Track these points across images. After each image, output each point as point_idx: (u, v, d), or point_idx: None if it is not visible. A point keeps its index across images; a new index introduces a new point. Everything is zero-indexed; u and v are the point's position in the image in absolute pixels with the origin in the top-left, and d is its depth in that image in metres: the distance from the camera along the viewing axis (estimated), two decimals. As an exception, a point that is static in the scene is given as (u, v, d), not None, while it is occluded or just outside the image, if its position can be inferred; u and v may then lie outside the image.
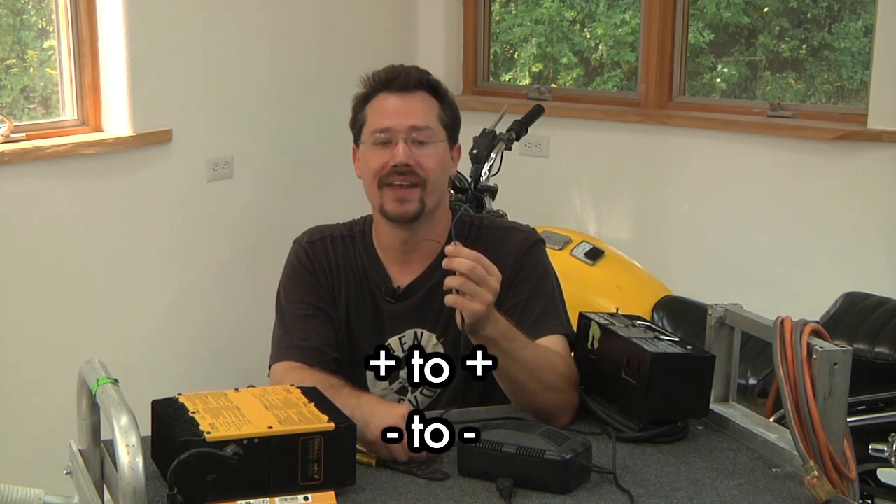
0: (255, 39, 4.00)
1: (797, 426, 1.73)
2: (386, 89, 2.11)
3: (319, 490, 1.61)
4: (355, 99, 2.17)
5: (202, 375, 3.85)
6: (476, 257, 1.81)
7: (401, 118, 2.08)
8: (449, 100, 2.16)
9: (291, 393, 1.77)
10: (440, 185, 2.13)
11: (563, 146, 4.48)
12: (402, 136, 2.07)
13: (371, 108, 2.13)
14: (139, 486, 1.42)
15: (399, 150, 2.06)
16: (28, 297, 3.34)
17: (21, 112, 3.57)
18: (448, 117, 2.14)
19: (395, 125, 2.08)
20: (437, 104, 2.13)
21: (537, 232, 2.22)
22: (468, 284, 1.80)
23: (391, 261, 2.17)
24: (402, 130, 2.07)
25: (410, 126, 2.08)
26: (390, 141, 2.08)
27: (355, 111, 2.17)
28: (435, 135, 2.10)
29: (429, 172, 2.08)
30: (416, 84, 2.11)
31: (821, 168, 4.01)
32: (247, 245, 4.03)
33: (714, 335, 2.03)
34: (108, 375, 1.60)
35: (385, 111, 2.10)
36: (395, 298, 2.14)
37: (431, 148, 2.09)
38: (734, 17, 4.82)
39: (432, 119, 2.11)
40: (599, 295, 3.16)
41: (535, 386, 1.94)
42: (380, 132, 2.09)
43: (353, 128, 2.18)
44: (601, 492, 1.70)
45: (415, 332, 2.14)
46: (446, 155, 2.14)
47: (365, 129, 2.13)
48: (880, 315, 2.78)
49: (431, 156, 2.09)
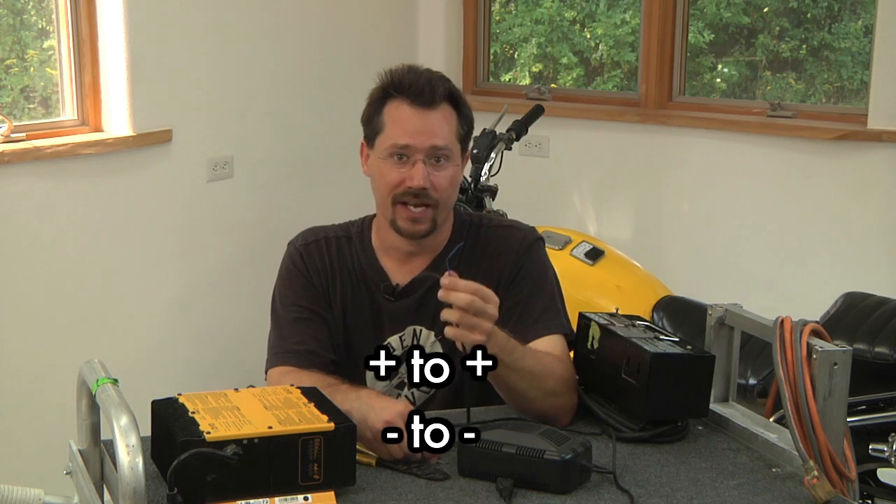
0: (255, 40, 4.00)
1: (797, 426, 1.73)
2: (408, 98, 2.06)
3: (319, 490, 1.61)
4: (372, 95, 2.12)
5: (202, 375, 3.85)
6: (473, 289, 1.79)
7: (421, 137, 2.04)
8: (466, 110, 2.13)
9: (291, 393, 1.77)
10: (451, 202, 2.13)
11: (563, 146, 4.48)
12: (421, 157, 2.04)
13: (389, 116, 2.08)
14: (139, 486, 1.42)
15: (417, 172, 2.03)
16: (28, 297, 3.34)
17: (21, 112, 3.57)
18: (464, 129, 2.13)
19: (416, 144, 2.04)
20: (456, 118, 2.10)
21: (537, 231, 2.22)
22: (466, 318, 1.79)
23: (391, 260, 2.17)
24: (422, 150, 2.04)
25: (431, 146, 2.05)
26: (408, 157, 2.05)
27: (371, 109, 2.12)
28: (452, 154, 2.08)
29: (442, 194, 2.07)
30: (440, 97, 2.07)
31: (821, 168, 4.01)
32: (247, 245, 4.03)
33: (714, 335, 2.03)
34: (108, 375, 1.60)
35: (405, 127, 2.05)
36: (394, 296, 2.14)
37: (447, 169, 2.07)
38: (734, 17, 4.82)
39: (451, 137, 2.08)
40: (599, 295, 3.16)
41: (535, 393, 1.95)
42: (399, 148, 2.05)
43: (367, 126, 2.13)
44: (601, 492, 1.70)
45: (413, 329, 2.14)
46: (459, 172, 2.13)
47: (381, 138, 2.08)
48: (880, 315, 2.78)
49: (447, 178, 2.07)
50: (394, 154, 2.06)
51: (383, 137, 2.08)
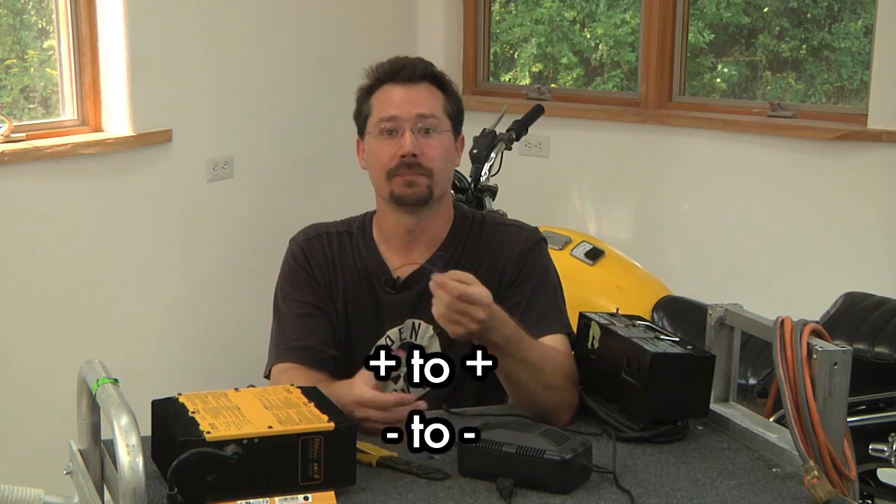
0: (255, 40, 4.00)
1: (797, 426, 1.73)
2: (391, 80, 2.13)
3: (319, 490, 1.61)
4: (359, 91, 2.18)
5: (202, 375, 3.85)
6: (459, 293, 1.82)
7: (407, 107, 2.09)
8: (453, 91, 2.18)
9: (291, 393, 1.77)
10: (446, 175, 2.15)
11: (563, 146, 4.48)
12: (409, 126, 2.08)
13: (376, 99, 2.14)
14: (139, 486, 1.42)
15: (406, 139, 2.07)
16: (28, 297, 3.34)
17: (21, 112, 3.57)
18: (453, 108, 2.16)
19: (402, 114, 2.09)
20: (441, 95, 2.15)
21: (540, 231, 2.23)
22: (449, 314, 1.83)
23: (392, 252, 2.17)
24: (408, 119, 2.09)
25: (417, 114, 2.09)
26: (396, 131, 2.09)
27: (360, 103, 2.18)
28: (440, 123, 2.12)
29: (434, 163, 2.09)
30: (420, 75, 2.13)
31: (821, 168, 4.01)
32: (247, 245, 4.03)
33: (714, 335, 2.03)
34: (108, 375, 1.60)
35: (391, 101, 2.11)
36: (395, 289, 2.15)
37: (437, 138, 2.11)
38: (734, 17, 4.82)
39: (438, 108, 2.13)
40: (599, 295, 3.16)
41: (537, 386, 1.94)
42: (386, 121, 2.10)
43: (358, 119, 2.18)
44: (601, 492, 1.70)
45: (412, 322, 2.14)
46: (451, 145, 2.16)
47: (370, 119, 2.14)
48: (880, 315, 2.78)
49: (437, 146, 2.10)
50: (383, 130, 2.10)
51: (371, 119, 2.14)
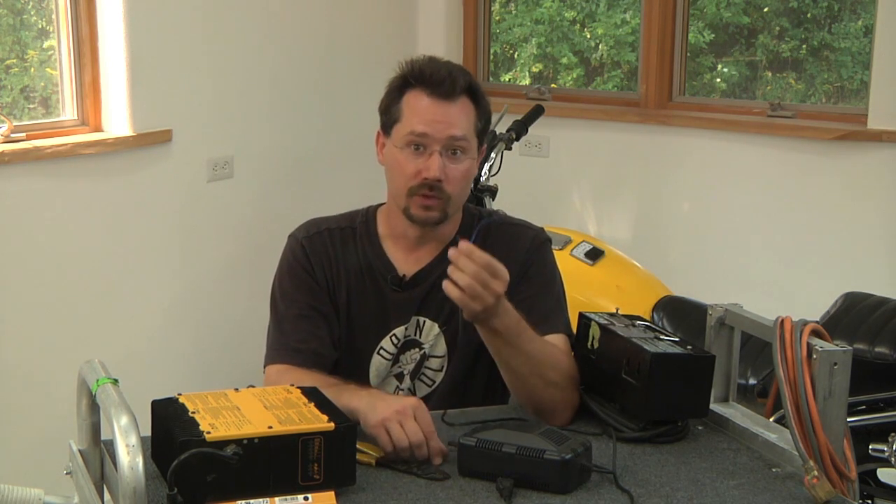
0: (255, 40, 4.00)
1: (797, 426, 1.73)
2: (427, 88, 2.07)
3: (319, 490, 1.61)
4: (391, 85, 2.12)
5: (202, 375, 3.85)
6: (485, 263, 1.80)
7: (440, 126, 2.05)
8: (485, 103, 2.14)
9: (291, 393, 1.77)
10: (463, 196, 2.13)
11: (563, 146, 4.48)
12: (439, 147, 2.04)
13: (408, 104, 2.08)
14: (139, 486, 1.42)
15: (434, 163, 2.03)
16: (28, 297, 3.34)
17: (21, 112, 3.57)
18: (482, 123, 2.13)
19: (434, 133, 2.05)
20: (474, 111, 2.11)
21: (546, 232, 2.22)
22: (472, 286, 1.80)
23: (398, 250, 2.16)
24: (440, 140, 2.05)
25: (449, 136, 2.05)
26: (425, 148, 2.05)
27: (389, 97, 2.11)
28: (469, 146, 2.09)
29: (455, 187, 2.07)
30: (460, 90, 2.08)
31: (821, 168, 4.01)
32: (247, 245, 4.03)
33: (714, 335, 2.03)
34: (108, 375, 1.60)
35: (424, 116, 2.05)
36: (401, 287, 2.13)
37: (463, 161, 2.07)
38: (734, 17, 4.82)
39: (469, 128, 2.09)
40: (599, 295, 3.16)
41: (537, 380, 1.94)
42: (416, 136, 2.05)
43: (384, 115, 2.13)
44: (601, 492, 1.70)
45: (417, 319, 2.14)
46: (473, 166, 2.13)
47: (399, 126, 2.08)
48: (880, 315, 2.78)
49: (462, 170, 2.07)
50: (411, 143, 2.06)
51: (401, 126, 2.08)
